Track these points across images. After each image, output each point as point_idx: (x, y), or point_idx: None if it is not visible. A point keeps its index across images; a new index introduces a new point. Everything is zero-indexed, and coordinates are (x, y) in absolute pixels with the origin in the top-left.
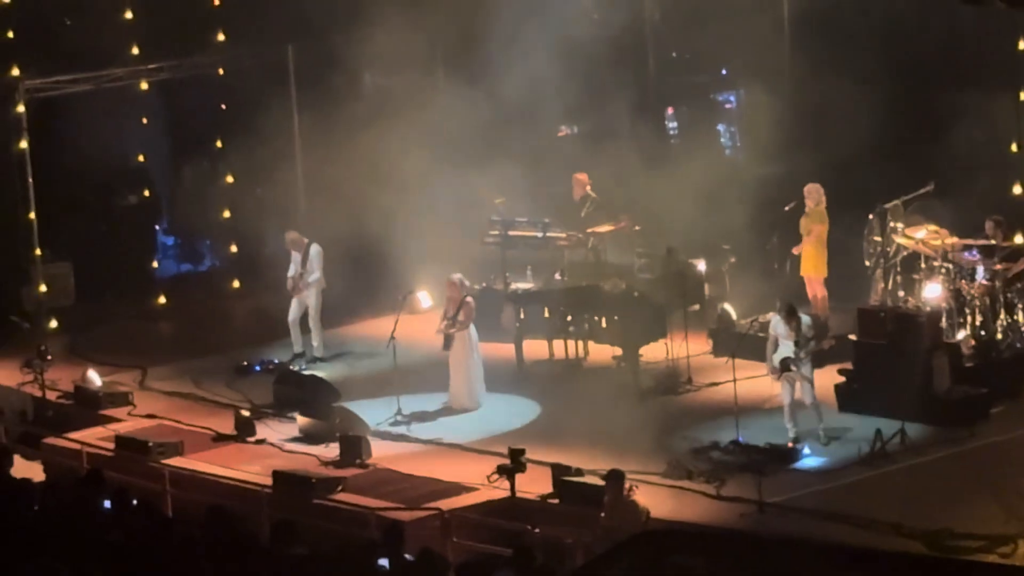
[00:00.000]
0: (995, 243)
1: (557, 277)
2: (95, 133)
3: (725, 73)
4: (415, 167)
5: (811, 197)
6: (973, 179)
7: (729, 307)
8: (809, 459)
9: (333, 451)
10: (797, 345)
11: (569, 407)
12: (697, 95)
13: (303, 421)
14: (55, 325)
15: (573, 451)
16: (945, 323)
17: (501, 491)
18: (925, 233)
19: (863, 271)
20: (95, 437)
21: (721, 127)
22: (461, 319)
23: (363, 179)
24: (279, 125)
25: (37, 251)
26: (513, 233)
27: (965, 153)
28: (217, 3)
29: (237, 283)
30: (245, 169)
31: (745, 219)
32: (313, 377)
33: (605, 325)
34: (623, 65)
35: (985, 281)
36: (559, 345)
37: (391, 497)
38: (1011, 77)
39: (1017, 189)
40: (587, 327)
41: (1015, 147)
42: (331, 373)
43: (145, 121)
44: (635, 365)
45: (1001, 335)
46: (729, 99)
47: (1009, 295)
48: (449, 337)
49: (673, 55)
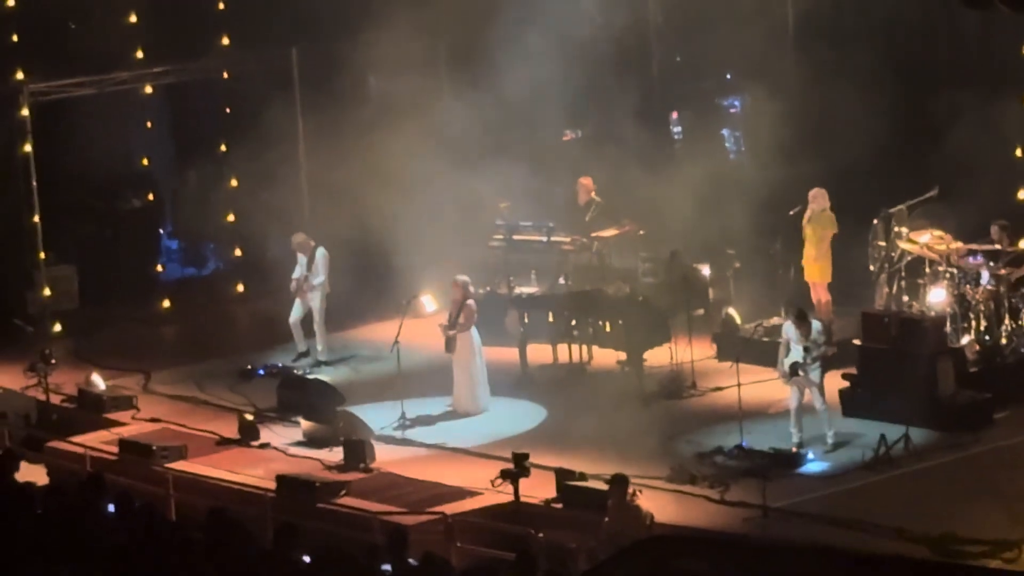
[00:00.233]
0: (1000, 247)
1: (561, 281)
2: (99, 137)
3: (729, 77)
4: (419, 171)
5: (816, 202)
6: (977, 183)
7: (733, 311)
8: (813, 464)
9: (337, 455)
10: (806, 350)
11: (573, 412)
12: (701, 99)
13: (307, 425)
14: (59, 329)
15: (577, 455)
16: (949, 328)
17: (505, 495)
18: (929, 238)
19: (867, 276)
20: (99, 441)
21: (725, 131)
22: (461, 322)
23: (367, 183)
24: (283, 129)
25: (41, 255)
26: (517, 237)
27: (970, 157)
28: (221, 7)
29: (241, 287)
30: (249, 173)
31: (749, 223)
32: (317, 381)
33: (609, 329)
34: (627, 69)
35: (990, 286)
36: (563, 349)
37: (395, 501)
38: (1015, 81)
39: (1022, 194)
40: (591, 331)
41: (1020, 151)
42: (335, 377)
43: (149, 125)
44: (639, 369)
45: (1005, 340)
46: (733, 103)
47: (1014, 300)
48: (451, 340)
49: (677, 59)
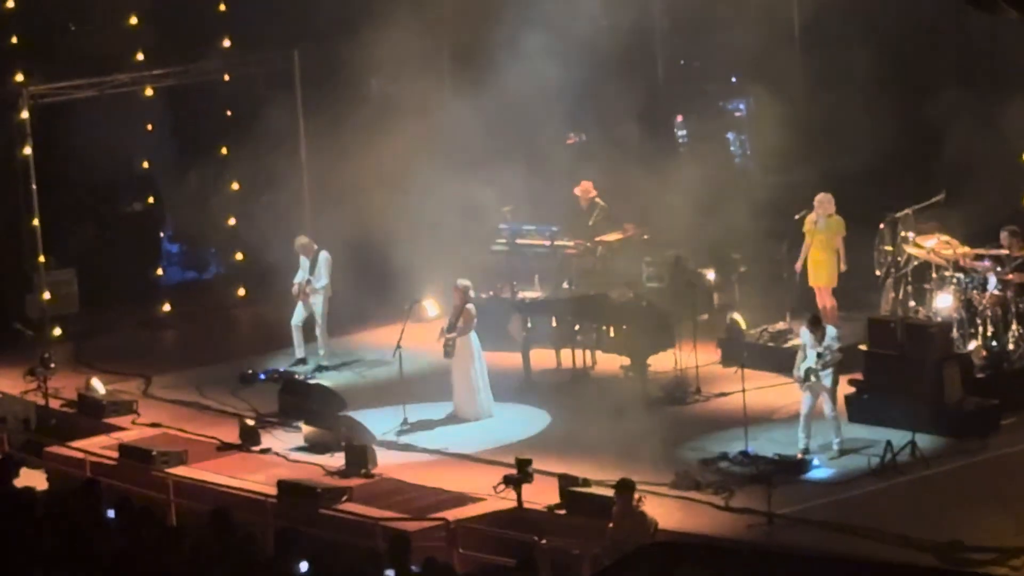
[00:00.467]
0: (1009, 253)
1: (565, 286)
2: (99, 139)
3: (735, 81)
4: (421, 173)
5: (823, 206)
6: (985, 187)
7: (738, 316)
8: (819, 470)
9: (338, 461)
10: (819, 356)
11: (577, 417)
12: (706, 103)
13: (308, 430)
14: (59, 333)
15: (581, 461)
16: (956, 334)
17: (508, 501)
18: (936, 243)
19: (873, 281)
20: (98, 446)
21: (731, 135)
22: (460, 326)
23: (369, 185)
24: (285, 131)
25: (41, 258)
26: (520, 241)
27: (977, 161)
28: (222, 8)
29: (242, 291)
30: (251, 176)
31: (755, 228)
32: (319, 386)
33: (613, 334)
34: (632, 72)
35: (997, 291)
36: (567, 354)
37: (397, 507)
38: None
39: None
40: (595, 336)
41: None
42: (337, 382)
43: (150, 127)
44: (643, 375)
45: (1013, 345)
46: (738, 107)
47: (1021, 305)
48: (450, 345)
49: (682, 62)
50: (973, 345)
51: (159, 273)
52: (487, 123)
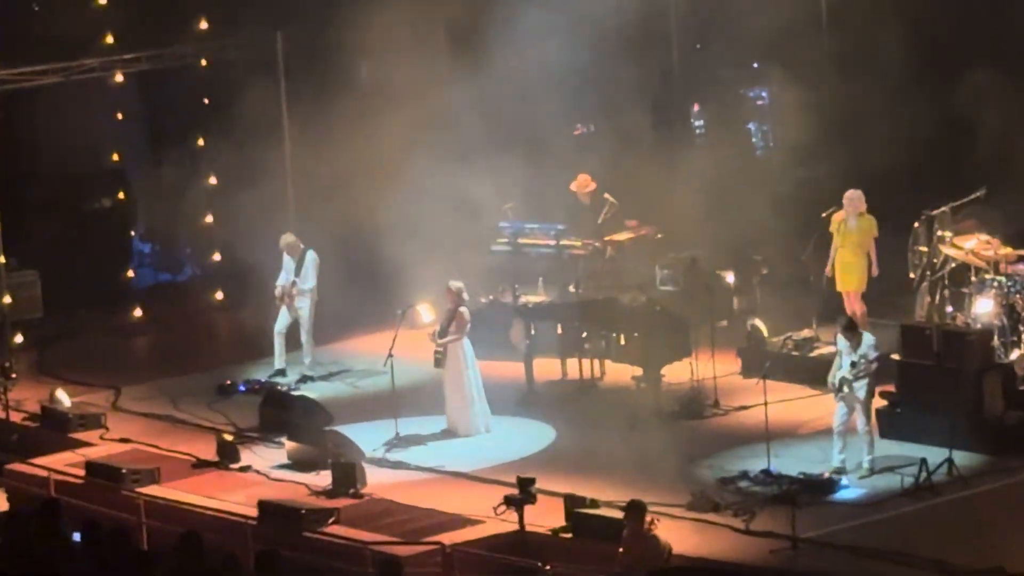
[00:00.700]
0: None
1: (571, 289)
2: (65, 130)
3: (756, 66)
4: (416, 167)
5: (854, 204)
6: None
7: (760, 323)
8: (848, 490)
9: (325, 479)
10: (852, 365)
11: (584, 432)
12: (725, 90)
13: (292, 446)
14: (20, 340)
15: (588, 480)
16: (997, 342)
17: (509, 524)
18: (975, 243)
19: (907, 284)
20: (63, 463)
21: (752, 125)
22: (452, 331)
23: (359, 179)
24: (267, 121)
25: (1, 259)
26: (523, 241)
27: (1020, 154)
28: None
29: (220, 294)
30: (230, 169)
31: (778, 226)
32: (303, 398)
33: (624, 342)
34: (644, 56)
35: None
36: (573, 364)
37: (388, 530)
38: None
39: None
40: (604, 344)
41: None
42: (323, 393)
43: (120, 117)
44: (657, 386)
45: None
46: (761, 95)
47: None
48: (440, 353)
49: (699, 46)
50: (1016, 354)
51: (130, 275)
52: (487, 111)
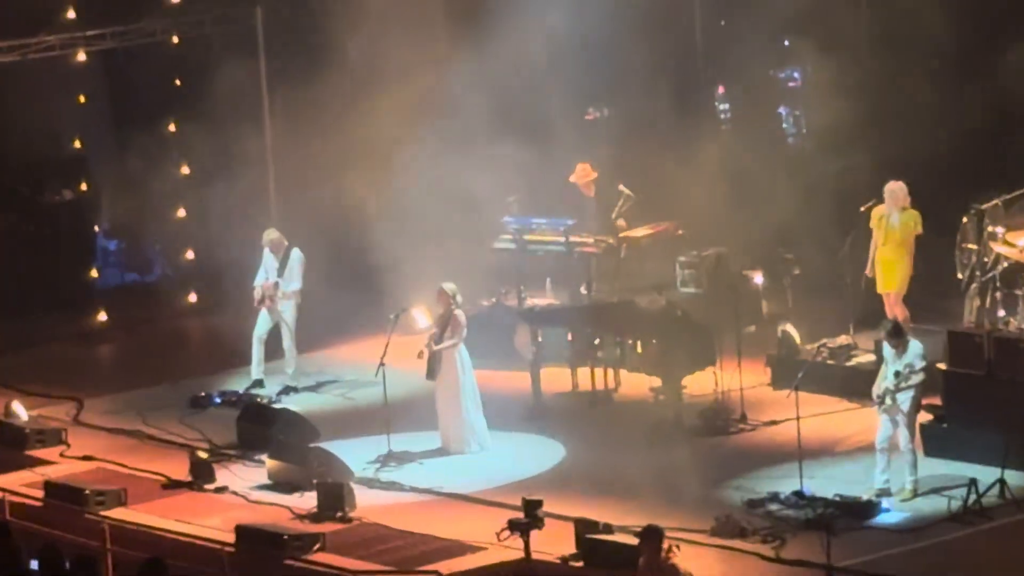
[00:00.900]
0: None
1: (583, 291)
2: (22, 113)
3: (787, 44)
4: (410, 155)
5: (896, 197)
6: None
7: (792, 329)
8: (888, 514)
9: (309, 501)
10: (896, 375)
11: (596, 449)
12: (753, 71)
13: (273, 465)
14: None
15: (601, 503)
16: None
17: (514, 551)
18: None
19: (954, 286)
20: (20, 483)
21: (783, 110)
22: (448, 336)
23: (347, 170)
24: (245, 103)
25: None
26: (529, 237)
27: None
28: None
29: (193, 296)
30: (204, 157)
31: (811, 222)
32: (286, 411)
33: (641, 350)
34: (664, 34)
35: None
36: (585, 374)
37: (379, 558)
38: None
39: None
40: (619, 353)
41: None
42: (308, 406)
43: (83, 100)
44: (677, 399)
45: None
46: (792, 75)
47: None
48: (433, 363)
49: (723, 23)
50: None
51: (93, 275)
52: (489, 93)
